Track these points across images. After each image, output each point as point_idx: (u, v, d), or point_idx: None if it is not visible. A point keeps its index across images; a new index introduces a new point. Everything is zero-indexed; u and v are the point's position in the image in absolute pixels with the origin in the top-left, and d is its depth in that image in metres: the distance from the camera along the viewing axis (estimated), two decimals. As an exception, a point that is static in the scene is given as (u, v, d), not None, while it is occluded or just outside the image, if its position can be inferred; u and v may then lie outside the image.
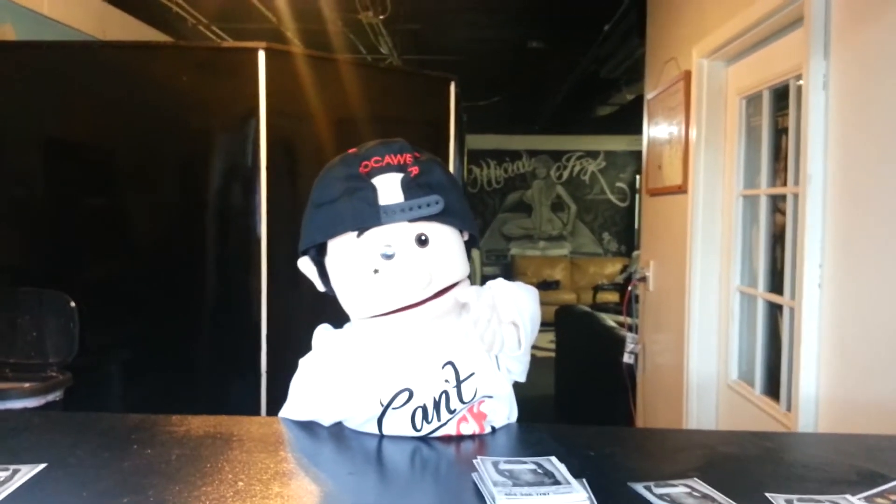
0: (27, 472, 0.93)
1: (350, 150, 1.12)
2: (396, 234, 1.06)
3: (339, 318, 1.22)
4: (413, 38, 5.18)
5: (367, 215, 1.05)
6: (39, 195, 3.03)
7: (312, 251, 1.13)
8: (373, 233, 1.05)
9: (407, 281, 1.05)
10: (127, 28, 4.26)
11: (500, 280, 1.15)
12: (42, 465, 0.95)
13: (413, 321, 1.09)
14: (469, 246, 1.16)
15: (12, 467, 0.94)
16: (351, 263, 1.09)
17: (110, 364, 2.97)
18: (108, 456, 1.01)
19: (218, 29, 4.82)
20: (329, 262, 1.12)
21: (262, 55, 2.80)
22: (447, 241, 1.09)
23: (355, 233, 1.06)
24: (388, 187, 1.05)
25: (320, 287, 1.16)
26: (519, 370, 1.18)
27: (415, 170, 1.06)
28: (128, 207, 3.06)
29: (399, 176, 1.06)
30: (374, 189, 1.05)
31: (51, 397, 2.62)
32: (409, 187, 1.05)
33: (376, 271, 1.06)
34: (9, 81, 2.93)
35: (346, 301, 1.13)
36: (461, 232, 1.14)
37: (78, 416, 1.27)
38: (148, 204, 3.04)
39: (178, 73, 2.92)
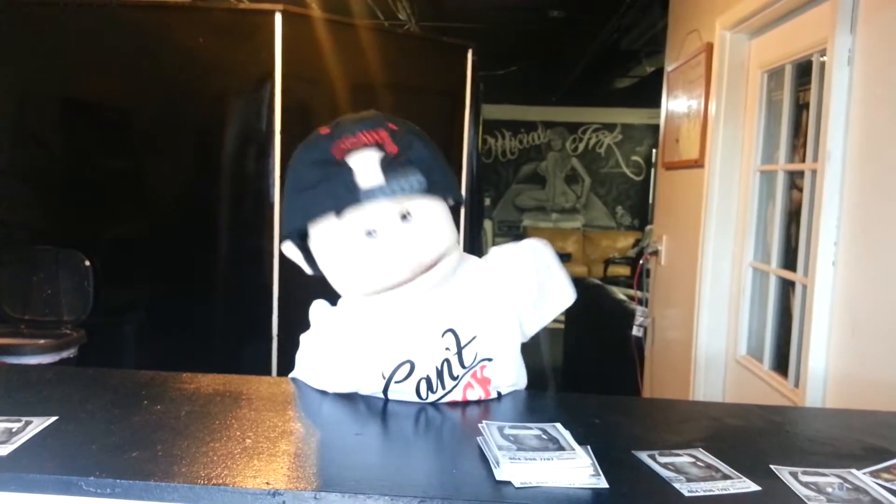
0: (39, 423, 0.95)
1: (322, 129, 1.06)
2: (378, 213, 1.02)
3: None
4: (432, 4, 5.12)
5: (346, 198, 1.00)
6: (57, 154, 3.04)
7: (295, 236, 1.09)
8: (353, 213, 1.01)
9: (392, 260, 1.03)
10: (144, -12, 4.23)
11: (500, 248, 1.19)
12: (53, 418, 0.97)
13: (406, 296, 1.07)
14: (456, 205, 1.12)
15: (24, 419, 0.96)
16: (334, 245, 1.05)
17: (124, 323, 3.01)
18: (118, 411, 1.03)
19: (235, -10, 4.77)
20: (313, 245, 1.08)
21: (278, 18, 2.78)
22: (432, 214, 1.05)
23: (335, 215, 1.02)
24: (366, 167, 1.00)
25: (308, 271, 1.12)
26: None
27: (393, 148, 1.01)
28: (143, 168, 3.08)
29: (376, 155, 1.01)
30: (350, 171, 1.00)
31: (65, 354, 2.67)
32: (389, 167, 1.00)
33: (360, 252, 1.03)
34: (26, 41, 2.93)
35: (335, 283, 1.11)
36: (446, 199, 1.10)
37: (90, 371, 1.29)
38: (162, 166, 3.04)
39: (194, 35, 2.91)
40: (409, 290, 1.06)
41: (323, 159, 1.02)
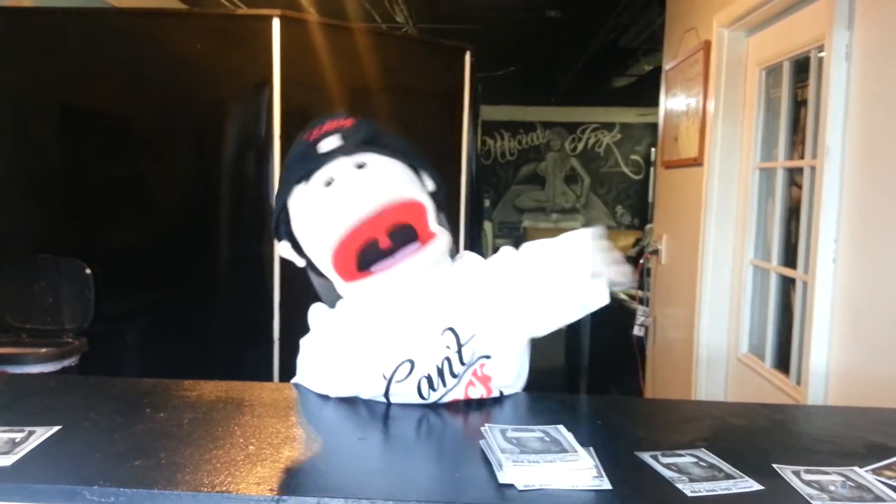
0: (42, 433, 0.95)
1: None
2: (336, 167, 1.11)
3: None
4: (429, 6, 5.12)
5: (309, 165, 1.12)
6: (56, 162, 3.04)
7: (283, 227, 1.16)
8: (316, 174, 1.11)
9: (349, 197, 1.08)
10: (141, -6, 4.23)
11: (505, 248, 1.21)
12: (56, 428, 0.97)
13: (402, 276, 1.08)
14: (437, 201, 1.15)
15: (27, 429, 0.96)
16: (303, 207, 1.12)
17: (125, 331, 3.01)
18: (121, 419, 1.03)
19: (232, -4, 4.77)
20: (294, 225, 1.15)
21: (276, 23, 2.77)
22: (387, 166, 1.12)
23: (304, 182, 1.12)
24: (328, 142, 1.12)
25: (300, 262, 1.18)
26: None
27: (350, 121, 1.14)
28: (142, 175, 3.07)
29: (339, 134, 1.13)
30: (316, 147, 1.12)
31: (67, 363, 2.66)
32: (345, 134, 1.12)
33: (321, 200, 1.10)
34: (25, 48, 2.93)
35: (310, 248, 1.14)
36: (418, 176, 1.16)
37: (92, 380, 1.29)
38: (162, 172, 3.04)
39: (192, 41, 2.90)
40: (401, 270, 1.06)
41: (298, 148, 1.15)
